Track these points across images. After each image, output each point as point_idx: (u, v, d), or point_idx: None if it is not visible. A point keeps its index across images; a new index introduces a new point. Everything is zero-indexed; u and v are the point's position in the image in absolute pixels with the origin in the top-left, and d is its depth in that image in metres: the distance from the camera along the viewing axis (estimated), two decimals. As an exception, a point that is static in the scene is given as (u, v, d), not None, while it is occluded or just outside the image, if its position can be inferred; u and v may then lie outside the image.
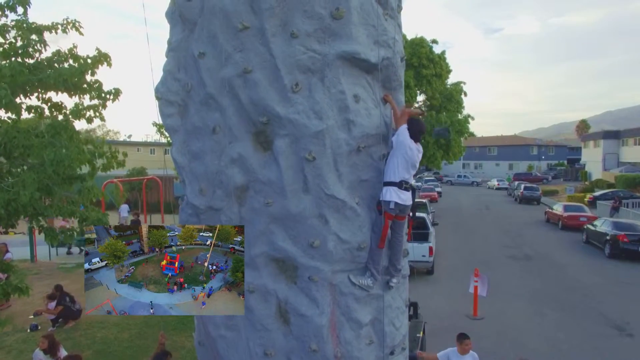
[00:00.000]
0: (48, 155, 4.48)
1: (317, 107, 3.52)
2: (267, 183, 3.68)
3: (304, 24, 3.50)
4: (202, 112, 3.84)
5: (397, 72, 4.10)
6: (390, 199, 3.67)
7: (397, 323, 4.21)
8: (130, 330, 8.89)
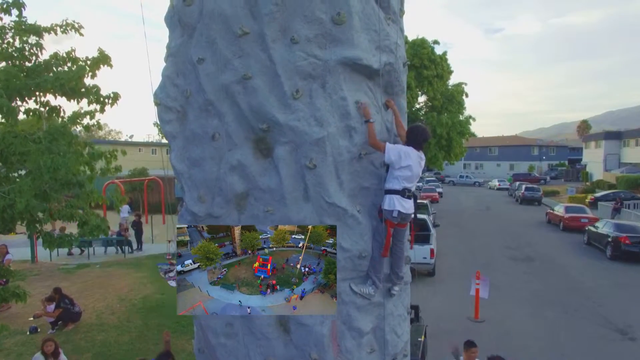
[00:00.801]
0: (45, 162, 4.44)
1: (318, 113, 3.47)
2: (267, 191, 3.64)
3: (304, 30, 3.45)
4: (202, 119, 3.80)
5: (400, 78, 4.05)
6: (394, 208, 3.60)
7: (398, 331, 4.17)
8: (131, 333, 8.86)
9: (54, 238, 5.39)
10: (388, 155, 3.62)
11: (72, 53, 5.49)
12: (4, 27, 5.27)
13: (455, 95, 27.23)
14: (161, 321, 9.54)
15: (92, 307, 10.17)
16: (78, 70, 5.16)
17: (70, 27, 5.53)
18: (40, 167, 4.43)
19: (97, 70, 5.42)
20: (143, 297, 11.09)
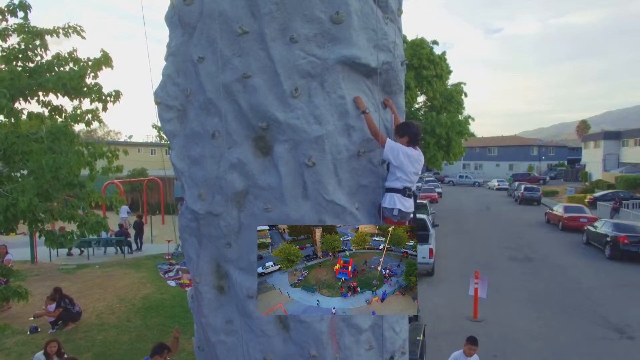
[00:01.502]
0: (47, 162, 4.47)
1: (317, 112, 3.50)
2: (267, 188, 3.67)
3: (303, 29, 3.48)
4: (202, 117, 3.83)
5: (398, 76, 4.08)
6: (394, 206, 3.62)
7: (397, 328, 4.19)
8: (130, 332, 8.88)
9: (56, 236, 5.42)
10: (387, 151, 3.64)
11: (74, 53, 5.53)
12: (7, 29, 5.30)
13: (455, 95, 27.28)
14: (160, 321, 9.56)
15: (92, 307, 10.19)
16: (80, 70, 5.20)
17: (72, 29, 5.57)
18: (42, 166, 4.46)
19: (98, 71, 5.45)
20: (142, 297, 11.11)
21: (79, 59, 5.51)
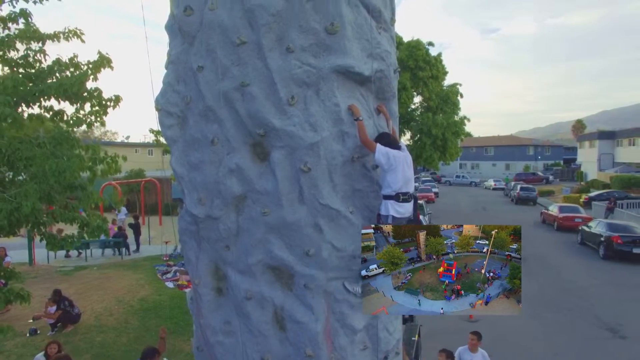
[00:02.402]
0: (50, 166, 4.57)
1: (312, 119, 3.62)
2: (264, 193, 3.78)
3: (299, 39, 3.60)
4: (201, 124, 3.94)
5: (390, 84, 4.20)
6: (388, 213, 3.71)
7: (390, 328, 4.31)
8: (129, 334, 8.97)
9: (57, 240, 5.51)
10: (378, 155, 3.71)
11: (75, 59, 5.63)
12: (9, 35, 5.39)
13: (450, 96, 27.47)
14: (159, 322, 9.64)
15: (91, 309, 10.27)
16: (80, 76, 5.30)
17: (73, 33, 5.66)
18: (45, 171, 4.56)
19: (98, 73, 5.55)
20: (141, 298, 11.20)
21: (80, 63, 5.60)
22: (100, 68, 5.53)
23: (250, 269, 3.95)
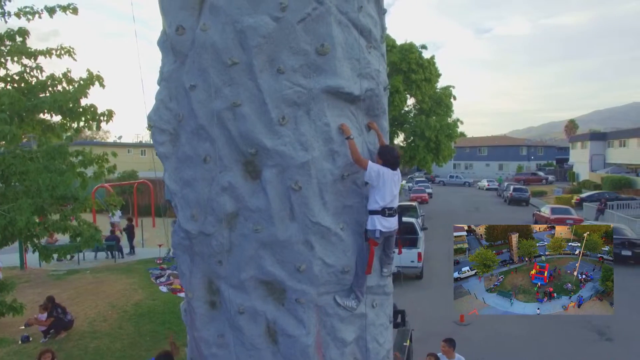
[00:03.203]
0: (44, 180, 4.61)
1: (303, 139, 3.70)
2: (256, 210, 3.86)
3: (290, 60, 3.68)
4: (194, 142, 4.01)
5: (380, 101, 4.29)
6: (375, 228, 3.83)
7: (380, 339, 4.41)
8: (123, 340, 8.99)
9: (51, 250, 5.54)
10: (369, 173, 3.84)
11: (68, 74, 5.65)
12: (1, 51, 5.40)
13: (444, 99, 27.64)
14: (153, 327, 9.68)
15: (84, 315, 10.27)
16: (75, 92, 5.33)
17: (65, 50, 5.68)
18: (39, 185, 4.60)
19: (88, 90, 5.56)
20: (134, 303, 11.21)
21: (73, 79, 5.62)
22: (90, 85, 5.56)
23: (243, 284, 4.02)
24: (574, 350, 9.06)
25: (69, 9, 5.52)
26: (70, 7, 5.52)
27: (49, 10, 5.41)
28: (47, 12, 5.45)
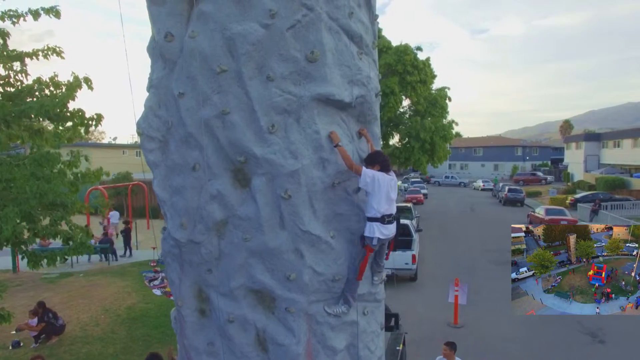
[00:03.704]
0: (31, 188, 4.56)
1: (293, 147, 3.67)
2: (245, 219, 3.83)
3: (279, 67, 3.65)
4: (182, 150, 3.97)
5: (372, 108, 4.26)
6: (373, 235, 3.81)
7: (372, 347, 4.39)
8: (115, 345, 8.93)
9: (39, 257, 5.49)
10: (363, 178, 3.80)
11: (55, 77, 5.59)
12: None
13: (439, 100, 27.68)
14: (146, 332, 9.62)
15: (76, 319, 10.20)
16: (63, 97, 5.27)
17: (52, 51, 5.62)
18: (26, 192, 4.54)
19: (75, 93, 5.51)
20: (127, 307, 11.15)
21: (60, 82, 5.56)
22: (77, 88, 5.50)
23: (233, 293, 3.99)
24: (567, 353, 9.09)
25: (52, 11, 5.46)
26: (53, 10, 5.47)
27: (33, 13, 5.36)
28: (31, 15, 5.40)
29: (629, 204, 27.59)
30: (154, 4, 3.94)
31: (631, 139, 40.22)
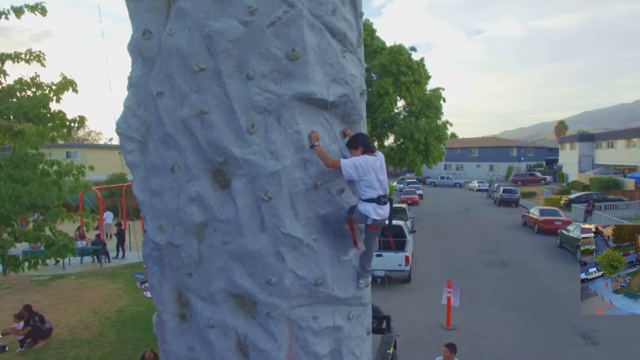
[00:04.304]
0: (7, 191, 4.44)
1: (273, 147, 3.58)
2: (225, 221, 3.73)
3: (259, 65, 3.55)
4: (161, 150, 3.87)
5: (356, 107, 4.17)
6: (369, 215, 3.74)
7: (357, 352, 4.30)
8: (104, 348, 8.80)
9: (19, 261, 5.37)
10: (345, 170, 3.70)
11: (37, 78, 5.47)
12: None
13: (433, 101, 27.65)
14: (136, 335, 9.50)
15: (65, 322, 10.05)
16: (42, 98, 5.15)
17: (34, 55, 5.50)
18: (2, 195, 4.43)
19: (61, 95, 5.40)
20: (118, 309, 11.01)
21: (42, 84, 5.44)
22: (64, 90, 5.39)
23: (213, 297, 3.89)
24: (560, 354, 9.02)
25: (37, 9, 5.34)
26: (38, 7, 5.34)
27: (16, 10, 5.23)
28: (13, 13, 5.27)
29: (622, 204, 27.64)
30: (132, 0, 3.84)
31: (624, 139, 40.36)
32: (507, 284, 14.10)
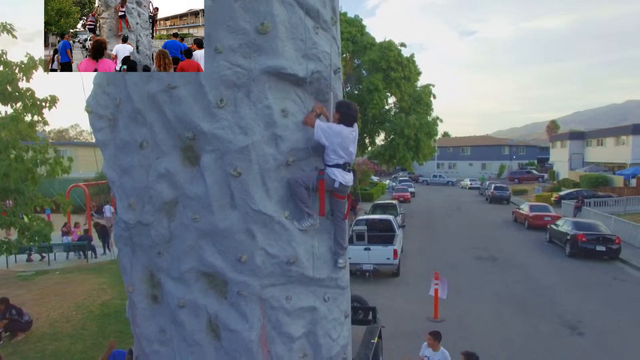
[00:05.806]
0: None
1: (243, 122, 3.51)
2: (195, 198, 3.65)
3: (228, 39, 3.48)
4: (130, 127, 3.79)
5: (330, 84, 4.11)
6: (336, 179, 3.85)
7: (333, 335, 4.23)
8: (85, 341, 8.69)
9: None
10: (317, 131, 3.76)
11: (4, 56, 5.34)
12: None
13: (423, 97, 27.68)
14: (118, 328, 9.39)
15: (47, 316, 9.91)
16: (8, 74, 5.02)
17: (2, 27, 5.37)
18: None
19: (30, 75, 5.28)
20: (101, 303, 10.88)
21: (10, 61, 5.31)
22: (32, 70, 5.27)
23: (184, 276, 3.81)
24: (547, 345, 9.03)
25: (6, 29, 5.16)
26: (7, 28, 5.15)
27: None
28: None
29: (611, 200, 27.88)
30: (100, -25, 3.75)
31: (614, 137, 40.72)
32: (495, 278, 14.13)
